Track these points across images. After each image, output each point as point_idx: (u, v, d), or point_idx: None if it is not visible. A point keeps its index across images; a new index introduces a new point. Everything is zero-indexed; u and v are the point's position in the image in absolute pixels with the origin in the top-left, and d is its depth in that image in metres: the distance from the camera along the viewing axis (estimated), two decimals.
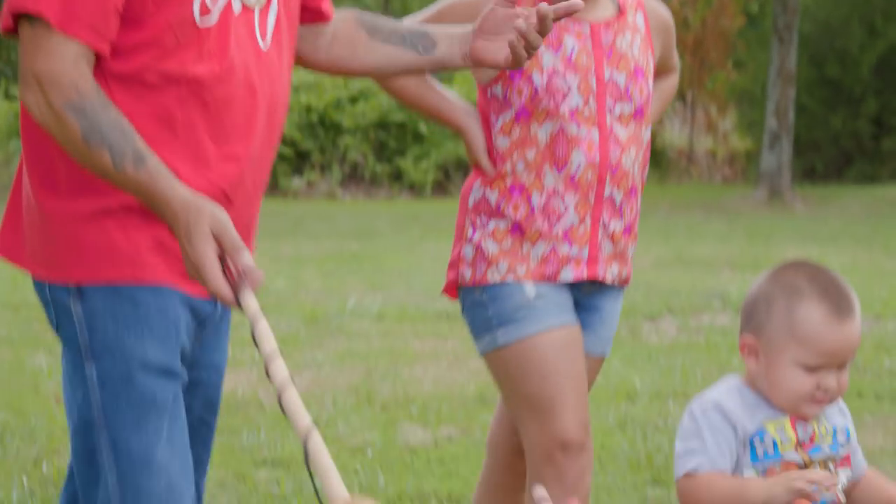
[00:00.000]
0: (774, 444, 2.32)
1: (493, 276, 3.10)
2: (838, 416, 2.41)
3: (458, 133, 3.23)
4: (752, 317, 2.38)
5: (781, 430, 2.33)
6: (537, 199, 3.10)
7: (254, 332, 2.12)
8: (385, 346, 7.46)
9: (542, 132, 3.10)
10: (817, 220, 16.12)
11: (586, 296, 3.19)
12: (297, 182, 20.05)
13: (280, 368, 2.06)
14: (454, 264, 3.17)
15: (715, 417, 2.33)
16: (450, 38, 2.54)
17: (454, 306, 9.34)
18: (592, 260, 3.13)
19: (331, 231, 14.10)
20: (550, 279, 3.09)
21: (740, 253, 12.25)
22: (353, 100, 20.42)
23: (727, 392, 2.38)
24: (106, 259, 2.33)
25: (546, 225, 3.09)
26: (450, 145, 20.07)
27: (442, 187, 20.09)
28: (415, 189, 19.81)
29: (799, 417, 2.34)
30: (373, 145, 20.18)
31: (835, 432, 2.38)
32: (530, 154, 3.11)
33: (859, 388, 6.50)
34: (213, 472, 4.89)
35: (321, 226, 14.97)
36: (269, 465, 4.96)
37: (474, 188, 3.17)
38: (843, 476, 2.37)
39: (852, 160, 20.77)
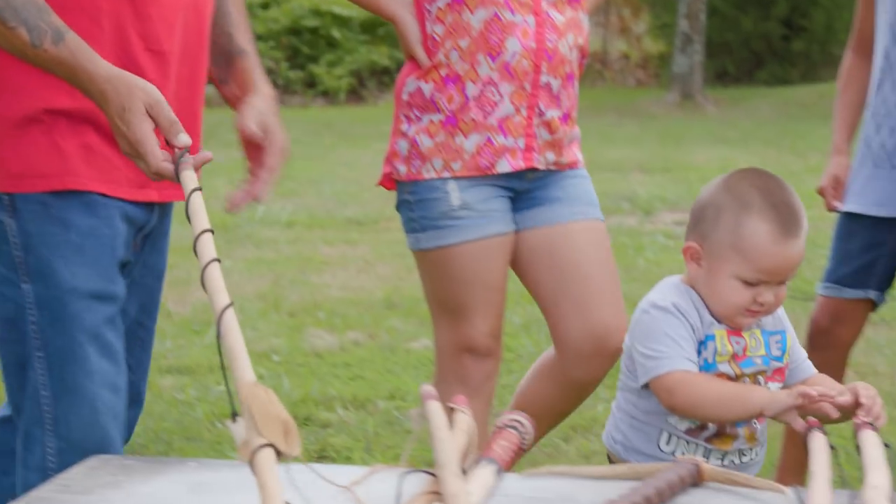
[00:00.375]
0: (714, 354, 2.33)
1: (429, 173, 3.08)
2: (773, 325, 2.41)
3: (392, 23, 3.16)
4: (700, 223, 2.36)
5: (722, 341, 2.34)
6: (472, 89, 3.05)
7: (188, 208, 2.06)
8: (294, 253, 7.46)
9: (475, 18, 3.04)
10: (728, 122, 16.21)
11: (532, 181, 3.14)
12: (208, 90, 19.79)
13: (208, 246, 2.03)
14: (389, 158, 3.14)
15: (677, 319, 2.33)
16: (240, 92, 2.63)
17: (365, 212, 9.38)
18: (528, 149, 3.08)
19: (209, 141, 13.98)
20: (487, 171, 3.05)
21: (651, 156, 12.32)
22: (265, 5, 20.15)
23: (678, 294, 2.38)
24: (34, 168, 2.32)
25: (481, 115, 3.05)
26: (363, 51, 19.91)
27: (356, 94, 19.95)
28: (329, 96, 19.65)
29: (733, 327, 2.34)
30: (285, 52, 19.96)
31: (767, 344, 2.38)
32: (464, 42, 3.05)
33: None
34: None
35: (233, 135, 14.78)
36: (174, 373, 4.97)
37: (408, 81, 3.12)
38: (774, 389, 2.37)
39: (763, 62, 20.85)
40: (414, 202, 3.11)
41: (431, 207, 3.08)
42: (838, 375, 3.60)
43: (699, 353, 2.33)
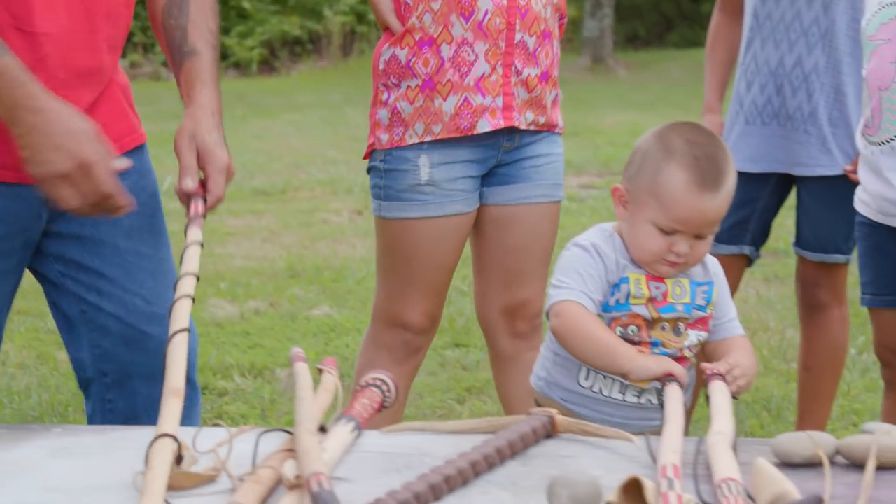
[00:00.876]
0: (627, 295, 2.36)
1: (411, 139, 3.07)
2: (702, 277, 2.43)
3: None
4: (628, 167, 2.40)
5: (637, 284, 2.36)
6: (447, 51, 3.04)
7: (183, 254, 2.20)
8: None
9: None
10: (638, 86, 16.35)
11: (509, 151, 3.14)
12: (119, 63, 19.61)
13: (184, 309, 2.11)
14: (372, 130, 3.14)
15: (591, 257, 2.37)
16: (185, 95, 2.54)
17: (272, 183, 9.38)
18: (507, 107, 3.07)
19: (154, 113, 13.85)
20: (467, 132, 3.04)
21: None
22: None
23: (601, 236, 2.41)
24: None
25: (457, 76, 3.04)
26: (275, 21, 19.83)
27: (268, 65, 19.87)
28: (241, 67, 19.56)
29: (654, 274, 2.37)
30: None
31: (693, 293, 2.40)
32: (436, 4, 3.04)
33: None
34: (16, 354, 4.89)
35: (144, 108, 14.57)
36: None
37: (384, 50, 3.11)
38: (694, 336, 2.40)
39: (673, 25, 21.04)
40: (384, 170, 3.11)
41: (400, 179, 3.09)
42: None
43: (612, 293, 2.37)
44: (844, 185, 3.54)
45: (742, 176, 3.59)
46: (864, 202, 3.14)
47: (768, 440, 1.97)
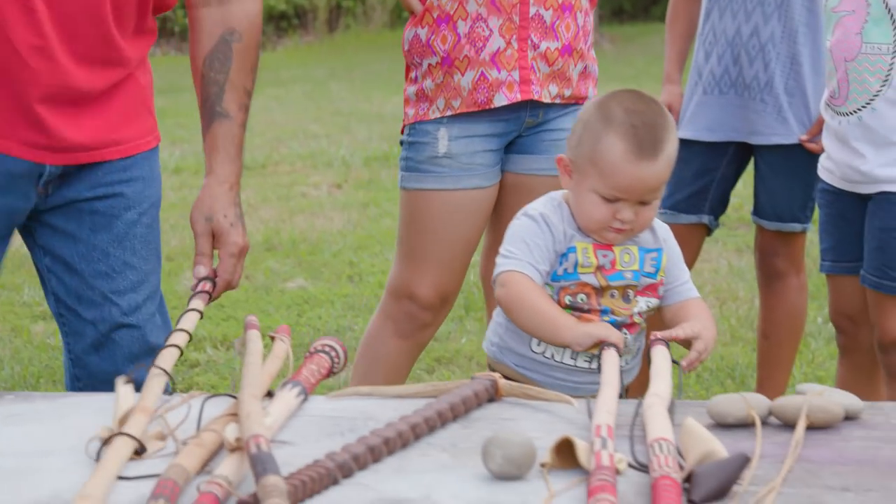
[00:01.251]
0: (575, 265, 2.38)
1: (433, 114, 3.13)
2: (652, 243, 2.45)
3: None
4: (571, 136, 2.42)
5: (585, 253, 2.39)
6: (462, 27, 3.09)
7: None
8: (179, 199, 7.47)
9: None
10: (624, 59, 16.33)
11: (534, 126, 3.17)
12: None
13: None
14: (404, 106, 3.22)
15: (539, 227, 2.40)
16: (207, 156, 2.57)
17: (252, 157, 9.39)
18: (524, 81, 3.10)
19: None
20: (485, 106, 3.08)
21: None
22: None
23: (551, 206, 2.44)
24: None
25: (473, 51, 3.09)
26: None
27: None
28: None
29: (601, 241, 2.40)
30: None
31: (642, 260, 2.43)
32: None
33: None
34: None
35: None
36: (47, 319, 4.99)
37: (407, 31, 3.19)
38: (644, 303, 2.43)
39: None
40: (408, 143, 3.18)
41: (420, 150, 3.15)
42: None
43: (560, 263, 2.39)
44: (800, 154, 3.58)
45: (700, 145, 3.65)
46: (828, 170, 3.18)
47: (705, 402, 2.02)
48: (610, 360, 2.16)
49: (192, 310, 2.32)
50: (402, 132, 3.22)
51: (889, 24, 2.95)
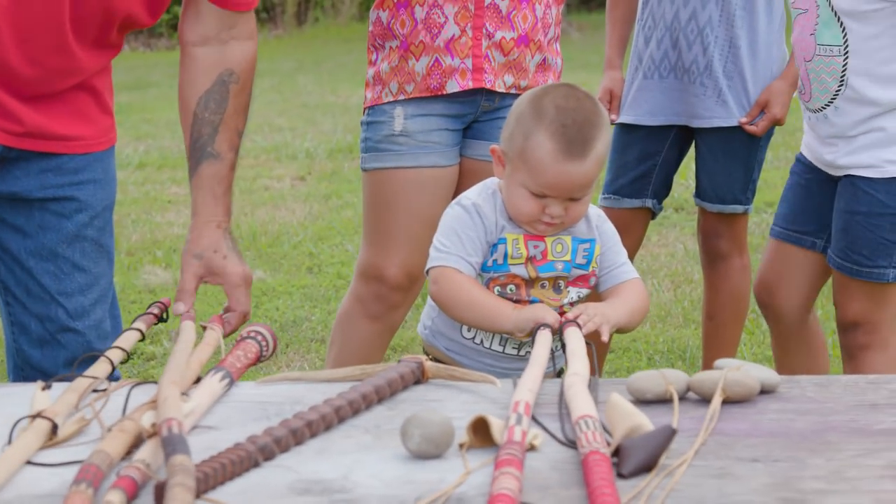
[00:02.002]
0: (505, 256, 2.39)
1: (387, 97, 3.17)
2: (586, 233, 2.46)
3: None
4: (505, 128, 2.42)
5: (515, 245, 2.39)
6: (419, 13, 3.13)
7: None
8: (141, 194, 7.47)
9: None
10: (591, 47, 16.33)
11: (489, 111, 3.20)
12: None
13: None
14: (365, 89, 3.27)
15: (471, 218, 2.40)
16: (194, 198, 2.54)
17: None
18: (477, 69, 3.13)
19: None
20: (437, 92, 3.12)
21: None
22: None
23: (484, 195, 2.44)
24: None
25: (428, 37, 3.12)
26: None
27: None
28: None
29: (532, 233, 2.40)
30: None
31: (574, 251, 2.43)
32: None
33: None
34: None
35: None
36: None
37: (371, 13, 3.23)
38: (574, 293, 2.44)
39: None
40: (367, 124, 3.23)
41: (377, 130, 3.19)
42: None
43: (491, 254, 2.40)
44: (740, 136, 3.63)
45: (642, 130, 3.69)
46: (807, 145, 3.22)
47: (625, 379, 2.05)
48: (542, 340, 2.19)
49: (135, 329, 2.31)
50: (364, 113, 3.26)
51: (838, 27, 2.98)
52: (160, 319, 2.42)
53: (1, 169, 2.47)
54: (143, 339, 2.32)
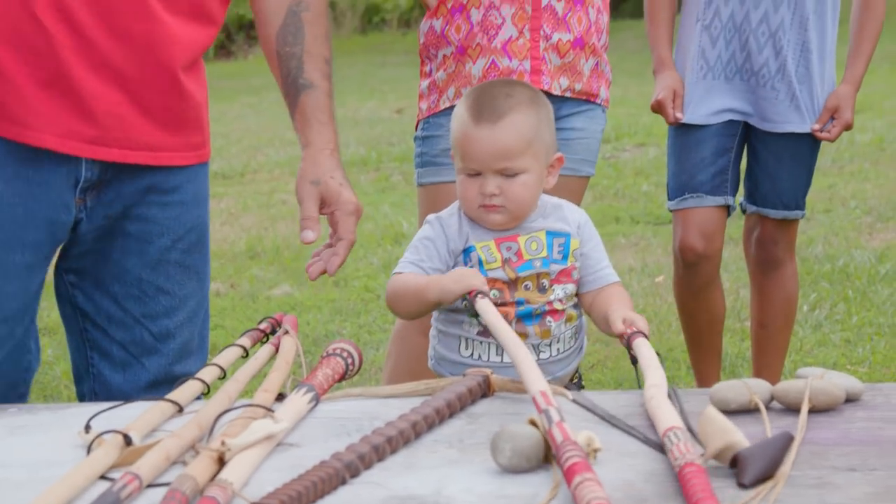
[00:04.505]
0: (480, 263, 2.38)
1: (444, 103, 3.16)
2: (562, 227, 2.44)
3: None
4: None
5: (487, 250, 2.38)
6: (476, 15, 3.12)
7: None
8: None
9: None
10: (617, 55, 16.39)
11: None
12: None
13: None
14: (418, 101, 3.25)
15: (432, 228, 2.41)
16: (300, 132, 2.49)
17: (230, 165, 9.39)
18: (535, 72, 3.12)
19: None
20: None
21: None
22: None
23: (452, 208, 2.45)
24: None
25: (485, 39, 3.11)
26: (231, 5, 19.75)
27: (225, 49, 19.82)
28: None
29: (487, 227, 2.39)
30: None
31: (549, 246, 2.42)
32: None
33: (617, 212, 6.77)
34: None
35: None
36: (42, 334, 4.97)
37: (423, 24, 3.22)
38: (560, 290, 2.42)
39: None
40: (422, 138, 3.21)
41: (434, 144, 3.17)
42: (718, 287, 3.73)
43: (465, 263, 2.39)
44: (808, 141, 3.62)
45: (714, 127, 3.62)
46: None
47: (706, 389, 2.03)
48: (486, 308, 2.18)
49: (238, 346, 2.24)
50: (416, 128, 3.23)
51: None
52: (267, 336, 2.34)
53: (93, 193, 2.38)
54: (245, 355, 2.25)
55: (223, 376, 2.16)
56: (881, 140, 8.40)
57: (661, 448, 1.79)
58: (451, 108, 3.13)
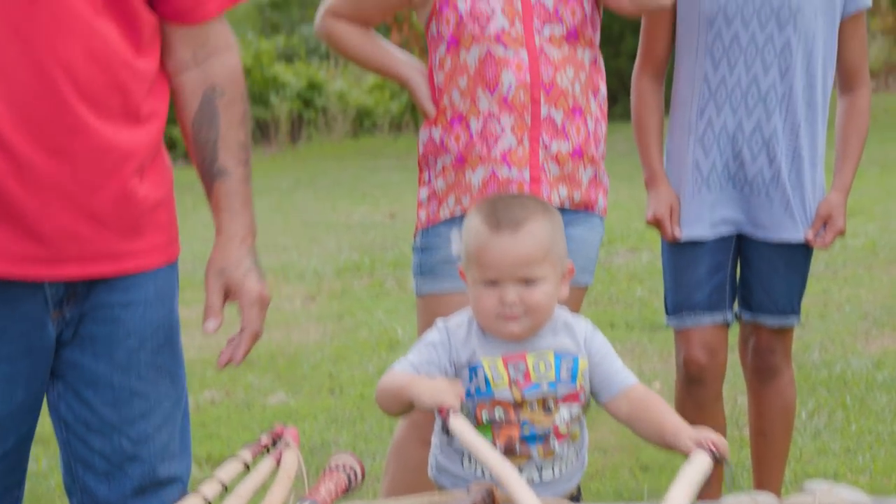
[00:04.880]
0: (486, 381, 2.35)
1: (444, 212, 3.16)
2: (571, 346, 2.41)
3: (402, 85, 3.28)
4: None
5: (494, 368, 2.36)
6: (475, 125, 3.14)
7: None
8: None
9: (470, 57, 3.15)
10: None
11: None
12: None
13: None
14: (416, 210, 3.25)
15: (439, 335, 2.40)
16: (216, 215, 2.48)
17: None
18: (535, 181, 3.13)
19: None
20: None
21: None
22: None
23: (460, 318, 2.43)
24: None
25: (485, 149, 3.13)
26: None
27: None
28: (189, 157, 19.56)
29: (506, 339, 2.36)
30: None
31: (558, 368, 2.39)
32: (462, 81, 3.16)
33: (612, 317, 6.76)
34: None
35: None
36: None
37: (421, 133, 3.24)
38: (566, 411, 2.39)
39: (617, 98, 21.17)
40: (421, 248, 3.22)
41: (433, 254, 3.17)
42: (720, 399, 3.72)
43: (470, 379, 2.37)
44: (801, 248, 3.61)
45: (709, 243, 3.61)
46: None
47: (713, 502, 2.01)
48: (460, 428, 2.17)
49: (239, 460, 2.23)
50: (415, 238, 3.24)
51: None
52: (268, 448, 2.32)
53: (70, 304, 2.38)
54: (246, 469, 2.23)
55: (224, 491, 2.13)
56: (874, 244, 8.42)
57: None
58: (452, 218, 3.15)
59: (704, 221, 3.62)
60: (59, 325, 2.38)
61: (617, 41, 20.94)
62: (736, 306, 3.76)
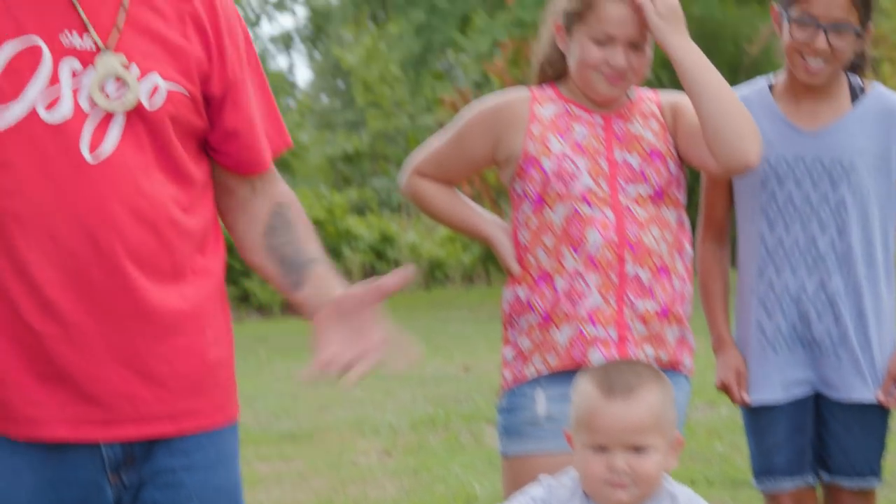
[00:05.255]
0: None
1: (529, 371, 3.16)
2: None
3: (487, 244, 3.32)
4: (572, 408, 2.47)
5: None
6: (561, 284, 3.15)
7: None
8: None
9: (556, 216, 3.18)
10: None
11: None
12: None
13: None
14: (501, 369, 3.25)
15: (543, 491, 2.44)
16: (317, 292, 2.43)
17: (299, 426, 9.42)
18: (622, 340, 3.13)
19: None
20: (580, 362, 3.08)
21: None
22: None
23: (566, 478, 2.47)
24: None
25: (570, 307, 3.13)
26: None
27: (291, 306, 20.00)
28: (263, 310, 19.71)
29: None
30: None
31: None
32: (548, 240, 3.18)
33: (692, 474, 6.66)
34: None
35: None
36: None
37: (506, 292, 3.26)
38: None
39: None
40: (507, 408, 3.22)
41: (519, 414, 3.17)
42: None
43: None
44: (875, 408, 3.56)
45: (784, 407, 3.58)
46: None
47: None
48: None
49: None
50: (501, 398, 3.24)
51: None
52: None
53: (126, 468, 2.36)
54: None
55: None
56: None
57: None
58: (538, 377, 3.14)
59: (774, 384, 3.59)
60: (117, 491, 2.35)
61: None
62: None
